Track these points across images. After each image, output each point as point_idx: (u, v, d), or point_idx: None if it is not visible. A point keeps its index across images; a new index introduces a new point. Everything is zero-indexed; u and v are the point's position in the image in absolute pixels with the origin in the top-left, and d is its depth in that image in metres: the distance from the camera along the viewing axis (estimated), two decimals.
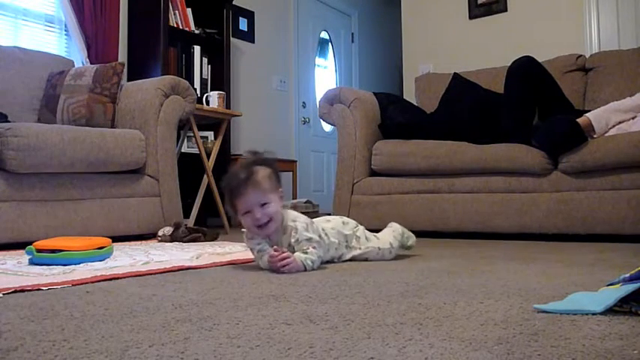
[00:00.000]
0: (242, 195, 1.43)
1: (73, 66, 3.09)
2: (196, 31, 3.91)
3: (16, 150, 2.16)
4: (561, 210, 2.43)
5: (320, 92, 4.50)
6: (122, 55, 3.63)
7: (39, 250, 1.63)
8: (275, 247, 1.45)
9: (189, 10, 3.87)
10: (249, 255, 1.83)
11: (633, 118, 2.48)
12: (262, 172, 1.46)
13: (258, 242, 1.50)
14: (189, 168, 3.40)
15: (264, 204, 1.44)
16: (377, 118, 2.98)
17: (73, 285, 1.25)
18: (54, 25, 3.45)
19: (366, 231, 1.75)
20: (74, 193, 2.39)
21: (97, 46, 3.39)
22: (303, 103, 5.38)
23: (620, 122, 2.48)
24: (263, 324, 0.84)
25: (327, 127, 5.54)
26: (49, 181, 2.31)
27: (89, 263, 1.62)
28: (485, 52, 4.13)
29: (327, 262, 1.61)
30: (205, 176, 3.34)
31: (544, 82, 2.69)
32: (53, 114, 2.74)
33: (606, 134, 2.45)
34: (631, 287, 0.86)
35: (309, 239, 1.48)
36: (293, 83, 5.25)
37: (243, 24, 4.66)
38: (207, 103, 3.56)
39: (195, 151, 3.58)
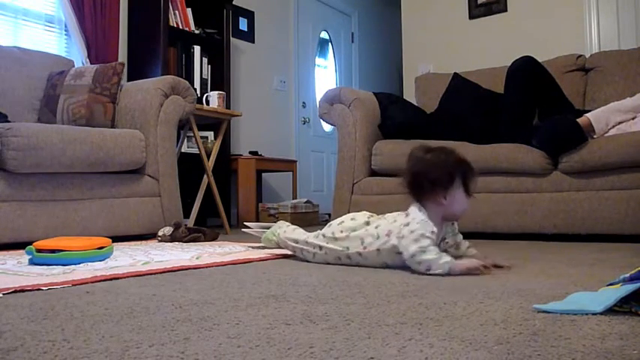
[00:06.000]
0: (475, 180, 1.51)
1: (73, 66, 3.09)
2: (196, 31, 3.91)
3: (16, 150, 2.16)
4: (561, 210, 2.43)
5: (320, 92, 4.50)
6: (122, 55, 3.63)
7: (39, 250, 1.63)
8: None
9: (189, 10, 3.88)
10: (249, 255, 1.83)
11: (633, 119, 2.48)
12: None
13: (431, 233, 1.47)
14: (189, 168, 3.40)
15: None
16: (377, 118, 2.97)
17: (73, 285, 1.25)
18: (54, 25, 3.45)
19: None
20: (74, 193, 2.39)
21: (97, 46, 3.39)
22: (303, 103, 5.38)
23: (620, 122, 2.48)
24: (263, 324, 0.84)
25: (327, 127, 5.54)
26: (49, 181, 2.31)
27: (89, 263, 1.62)
28: (486, 52, 4.13)
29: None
30: (205, 176, 3.34)
31: (544, 82, 2.69)
32: (53, 114, 2.74)
33: (606, 134, 2.45)
34: (631, 287, 0.86)
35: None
36: (293, 83, 5.25)
37: (243, 24, 4.66)
38: (207, 103, 3.56)
39: (195, 151, 3.58)
